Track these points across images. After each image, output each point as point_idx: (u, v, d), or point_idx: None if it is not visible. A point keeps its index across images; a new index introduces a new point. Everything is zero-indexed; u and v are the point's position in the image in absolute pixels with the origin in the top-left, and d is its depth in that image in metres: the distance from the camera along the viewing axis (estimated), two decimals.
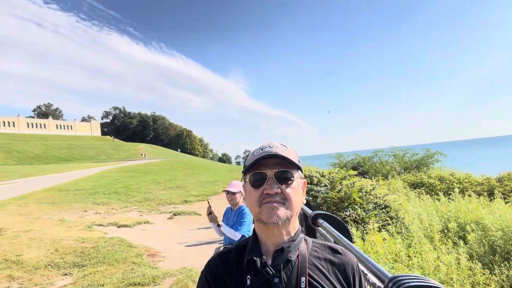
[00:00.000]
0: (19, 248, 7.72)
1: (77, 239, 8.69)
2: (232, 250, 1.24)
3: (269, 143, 1.23)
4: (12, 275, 6.19)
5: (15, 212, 12.38)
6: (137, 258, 7.40)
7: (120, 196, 17.51)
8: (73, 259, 7.20)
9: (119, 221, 11.44)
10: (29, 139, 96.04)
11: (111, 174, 30.65)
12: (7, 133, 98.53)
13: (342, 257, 1.23)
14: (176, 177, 31.10)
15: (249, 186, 1.19)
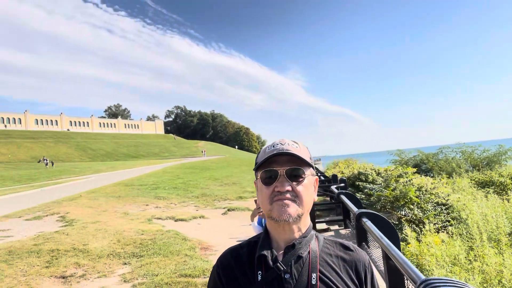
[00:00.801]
0: (86, 238, 8.44)
1: (137, 231, 9.28)
2: (243, 245, 1.25)
3: (280, 140, 1.22)
4: (79, 262, 6.79)
5: (86, 205, 13.53)
6: (190, 251, 7.71)
7: (179, 192, 18.33)
8: (132, 249, 7.70)
9: (176, 215, 12.00)
10: (101, 137, 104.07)
11: (172, 171, 32.16)
12: (83, 132, 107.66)
13: (354, 254, 1.22)
14: (233, 174, 31.80)
15: (260, 183, 1.19)
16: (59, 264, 6.64)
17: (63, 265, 6.58)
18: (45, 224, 10.46)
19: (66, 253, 7.27)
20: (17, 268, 6.29)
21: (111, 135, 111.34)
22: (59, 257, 6.98)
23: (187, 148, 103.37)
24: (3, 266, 6.30)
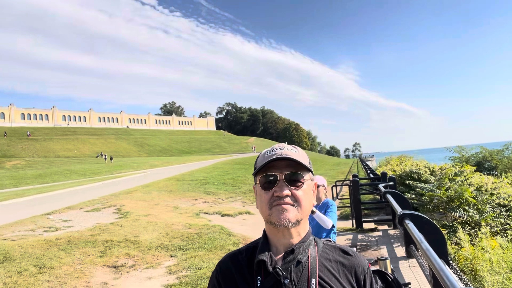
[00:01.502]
0: (137, 230, 8.90)
1: (185, 225, 9.62)
2: (242, 251, 1.24)
3: (279, 145, 1.22)
4: (129, 253, 7.19)
5: (140, 198, 14.27)
6: (233, 246, 7.84)
7: (228, 187, 18.70)
8: (179, 242, 7.99)
9: (223, 210, 12.25)
10: (157, 134, 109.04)
11: (222, 166, 32.85)
12: (140, 129, 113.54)
13: (353, 259, 1.20)
14: None
15: (260, 188, 1.18)
16: (112, 254, 7.08)
17: (115, 255, 7.01)
18: (102, 216, 11.20)
19: (119, 244, 7.72)
20: (74, 256, 6.80)
21: (166, 132, 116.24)
22: (112, 248, 7.44)
23: (238, 144, 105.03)
24: (62, 254, 6.84)
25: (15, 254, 6.67)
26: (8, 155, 62.85)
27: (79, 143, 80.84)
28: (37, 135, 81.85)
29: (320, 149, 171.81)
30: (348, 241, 8.50)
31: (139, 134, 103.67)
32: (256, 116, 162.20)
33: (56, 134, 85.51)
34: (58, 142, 78.97)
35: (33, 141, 75.83)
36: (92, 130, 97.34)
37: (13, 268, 5.99)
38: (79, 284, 5.74)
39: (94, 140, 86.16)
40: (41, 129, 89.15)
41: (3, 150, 66.64)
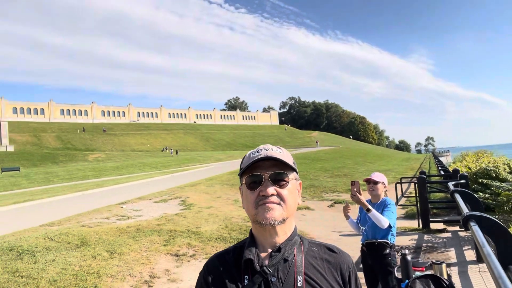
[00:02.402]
0: (199, 222, 9.31)
1: (244, 218, 9.84)
2: (229, 251, 1.26)
3: (264, 146, 1.25)
4: (191, 243, 7.55)
5: (203, 191, 14.88)
6: None
7: None
8: (237, 235, 8.20)
9: None
10: (222, 129, 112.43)
11: None
12: (207, 124, 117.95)
13: (338, 257, 1.23)
14: (345, 165, 30.96)
15: (245, 188, 1.21)
16: (175, 243, 7.49)
17: (178, 245, 7.41)
18: (168, 206, 11.89)
19: (182, 234, 8.14)
20: (141, 244, 7.32)
21: (230, 126, 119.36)
22: (175, 237, 7.87)
23: (301, 138, 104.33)
24: (131, 241, 7.40)
25: (91, 240, 7.37)
26: (91, 149, 69.29)
27: (151, 138, 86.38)
28: (115, 130, 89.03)
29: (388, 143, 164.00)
30: (412, 242, 8.06)
31: (205, 129, 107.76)
32: (320, 110, 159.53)
33: (131, 129, 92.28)
34: (133, 136, 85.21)
35: (112, 136, 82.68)
36: (163, 126, 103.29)
37: (88, 253, 6.62)
38: (144, 270, 6.17)
39: (164, 135, 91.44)
40: (118, 124, 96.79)
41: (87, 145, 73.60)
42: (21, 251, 6.53)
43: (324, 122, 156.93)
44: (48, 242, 7.23)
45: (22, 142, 69.17)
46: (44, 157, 51.86)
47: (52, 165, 46.49)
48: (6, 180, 32.53)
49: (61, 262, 6.15)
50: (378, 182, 3.88)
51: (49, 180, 30.94)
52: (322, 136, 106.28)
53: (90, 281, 5.53)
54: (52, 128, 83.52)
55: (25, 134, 74.18)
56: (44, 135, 76.50)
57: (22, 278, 5.44)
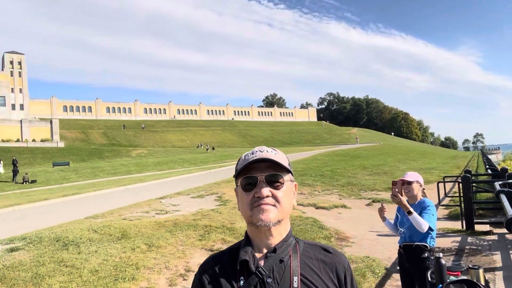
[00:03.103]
0: (234, 218, 9.42)
1: None
2: (225, 252, 1.28)
3: (259, 148, 1.27)
4: (225, 239, 7.67)
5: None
6: (324, 239, 7.76)
7: (325, 179, 18.45)
8: None
9: (318, 203, 12.17)
10: (260, 125, 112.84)
11: (322, 158, 32.48)
12: (244, 120, 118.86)
13: (333, 257, 1.25)
14: (385, 163, 30.03)
15: (241, 190, 1.22)
16: (210, 238, 7.64)
17: (212, 240, 7.55)
18: (205, 202, 12.14)
19: (216, 229, 8.29)
20: (177, 238, 7.54)
21: (268, 123, 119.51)
22: (211, 232, 8.02)
23: (340, 135, 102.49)
24: (168, 235, 7.64)
25: (131, 233, 7.69)
26: (134, 145, 72.16)
27: (191, 134, 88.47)
28: (157, 127, 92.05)
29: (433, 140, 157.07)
30: (454, 244, 7.69)
31: (243, 125, 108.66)
32: (360, 105, 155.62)
33: (172, 126, 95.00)
34: (173, 133, 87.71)
35: (153, 133, 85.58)
36: (202, 122, 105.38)
37: (128, 245, 6.91)
38: (179, 263, 6.35)
39: (203, 131, 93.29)
40: (159, 121, 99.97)
41: (130, 141, 76.72)
42: (66, 242, 6.94)
43: (364, 118, 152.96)
44: (91, 234, 7.63)
45: (72, 139, 73.35)
46: (91, 153, 54.70)
47: (98, 160, 48.95)
48: (57, 174, 34.69)
49: (102, 253, 6.47)
50: (412, 181, 3.67)
51: (96, 174, 32.61)
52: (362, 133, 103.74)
53: (129, 272, 5.77)
54: (99, 125, 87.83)
55: (74, 131, 78.60)
56: (91, 132, 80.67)
57: (66, 267, 5.79)
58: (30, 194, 20.15)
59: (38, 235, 7.47)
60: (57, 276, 5.45)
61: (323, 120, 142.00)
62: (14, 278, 5.26)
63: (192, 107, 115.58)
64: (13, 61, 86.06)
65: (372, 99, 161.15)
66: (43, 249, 6.58)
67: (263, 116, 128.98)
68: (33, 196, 18.35)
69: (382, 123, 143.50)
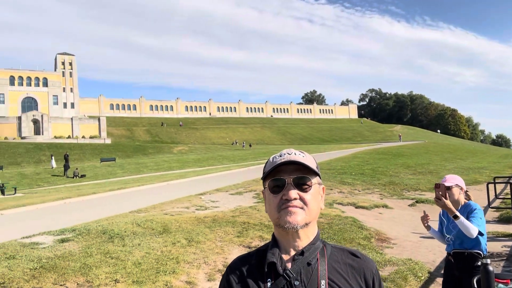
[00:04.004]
0: None
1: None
2: (252, 254, 1.28)
3: (287, 150, 1.27)
4: (262, 236, 7.70)
5: None
6: (364, 240, 7.58)
7: (365, 178, 17.99)
8: None
9: (358, 202, 11.90)
10: (299, 123, 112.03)
11: (363, 156, 31.69)
12: (283, 118, 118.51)
13: (361, 262, 1.24)
14: (431, 162, 28.77)
15: (268, 192, 1.23)
16: (247, 235, 7.72)
17: (250, 237, 7.62)
18: (243, 199, 12.26)
19: (254, 226, 8.35)
20: (216, 234, 7.68)
21: (307, 120, 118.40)
22: (248, 229, 8.10)
23: (381, 132, 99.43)
24: (207, 231, 7.81)
25: (172, 228, 7.93)
26: (176, 141, 74.27)
27: (230, 132, 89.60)
28: (197, 124, 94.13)
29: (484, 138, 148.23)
30: (505, 249, 7.23)
31: (282, 123, 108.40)
32: (403, 102, 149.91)
33: (211, 124, 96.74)
34: (213, 130, 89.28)
35: (194, 130, 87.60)
36: (241, 120, 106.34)
37: (169, 239, 7.14)
38: (218, 259, 6.47)
39: (242, 129, 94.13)
40: (200, 119, 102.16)
41: (172, 138, 79.05)
42: (112, 235, 7.29)
43: (408, 115, 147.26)
44: (135, 227, 7.96)
45: (118, 135, 76.81)
46: (135, 149, 56.99)
47: (142, 157, 50.91)
48: (104, 169, 36.50)
49: (145, 247, 6.74)
50: (451, 186, 3.37)
51: (140, 170, 33.95)
52: (406, 130, 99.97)
53: (170, 266, 5.97)
54: (143, 123, 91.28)
55: (120, 128, 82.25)
56: (135, 129, 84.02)
57: (112, 259, 6.08)
58: (80, 188, 21.38)
59: (87, 227, 7.91)
60: (103, 267, 5.75)
61: (364, 117, 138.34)
62: (64, 268, 5.61)
63: (232, 104, 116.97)
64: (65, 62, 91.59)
65: (417, 95, 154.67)
66: (91, 241, 6.96)
67: (302, 113, 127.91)
68: (82, 190, 19.46)
69: (428, 120, 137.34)
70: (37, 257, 5.99)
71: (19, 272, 5.37)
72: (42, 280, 5.22)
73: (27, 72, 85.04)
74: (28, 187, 28.65)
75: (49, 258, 5.96)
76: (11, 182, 26.49)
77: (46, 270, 5.51)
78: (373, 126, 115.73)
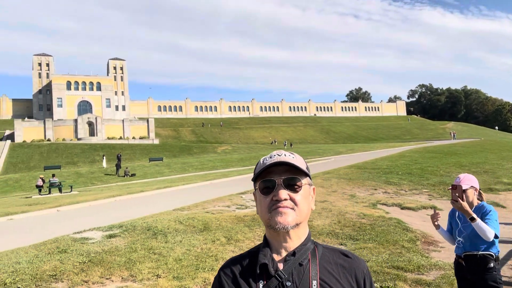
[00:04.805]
0: (311, 215, 9.29)
1: (358, 215, 9.46)
2: (244, 255, 1.29)
3: (277, 151, 1.28)
4: None
5: (318, 185, 14.82)
6: (409, 242, 7.25)
7: (413, 178, 17.21)
8: (350, 232, 7.95)
9: (404, 203, 11.41)
10: (343, 121, 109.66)
11: (411, 155, 30.39)
12: (327, 116, 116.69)
13: (353, 262, 1.25)
14: (487, 160, 26.90)
15: (259, 193, 1.25)
16: None
17: None
18: None
19: None
20: (255, 233, 7.71)
21: (352, 118, 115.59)
22: None
23: (432, 130, 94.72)
24: (246, 230, 7.86)
25: (212, 225, 8.08)
26: (219, 141, 75.66)
27: (273, 131, 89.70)
28: (240, 124, 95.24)
29: None
30: None
31: (325, 121, 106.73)
32: (457, 97, 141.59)
33: (254, 123, 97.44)
34: (256, 130, 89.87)
35: (237, 130, 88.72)
36: (284, 119, 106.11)
37: (209, 237, 7.28)
38: None
39: (285, 128, 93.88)
40: (243, 119, 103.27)
41: (216, 137, 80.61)
42: (156, 231, 7.57)
43: (461, 111, 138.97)
44: (177, 225, 8.21)
45: (165, 136, 79.69)
46: (181, 149, 58.80)
47: (188, 156, 52.42)
48: (152, 168, 38.03)
49: (186, 244, 6.92)
50: (466, 188, 3.25)
51: (185, 169, 34.99)
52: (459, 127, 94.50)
53: (209, 263, 6.08)
54: (188, 123, 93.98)
55: (167, 129, 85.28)
56: (181, 130, 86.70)
57: (154, 254, 6.31)
58: (130, 187, 22.43)
59: (133, 223, 8.28)
60: (146, 262, 5.98)
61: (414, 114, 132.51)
62: (110, 262, 5.90)
63: (274, 104, 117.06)
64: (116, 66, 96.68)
65: (472, 89, 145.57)
66: (136, 237, 7.28)
67: (347, 111, 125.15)
68: (131, 188, 20.40)
69: (484, 116, 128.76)
70: (86, 251, 6.36)
71: (70, 265, 5.73)
72: (90, 273, 5.53)
73: (82, 77, 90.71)
74: (83, 185, 30.56)
75: (97, 253, 6.30)
76: (68, 181, 28.36)
77: (94, 264, 5.84)
78: (423, 123, 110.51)
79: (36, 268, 5.58)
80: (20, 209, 13.25)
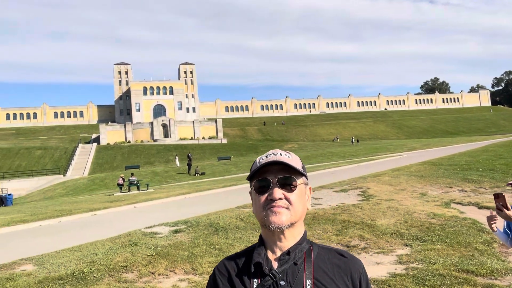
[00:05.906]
0: (376, 214, 8.95)
1: (428, 214, 8.87)
2: (239, 255, 1.29)
3: (273, 151, 1.27)
4: (363, 236, 7.37)
5: (386, 182, 14.17)
6: (483, 245, 6.63)
7: (496, 174, 15.62)
8: (417, 232, 7.50)
9: (482, 202, 10.43)
10: (417, 114, 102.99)
11: (495, 149, 27.61)
12: (399, 110, 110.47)
13: (348, 261, 1.24)
14: None
15: (254, 192, 1.25)
16: (347, 234, 7.48)
17: (349, 236, 7.37)
18: (347, 196, 11.88)
19: (355, 225, 8.05)
20: (314, 231, 7.64)
21: (427, 111, 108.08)
22: (348, 228, 7.85)
23: None
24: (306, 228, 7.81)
25: None
26: (286, 139, 75.78)
27: (340, 127, 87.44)
28: (306, 121, 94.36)
29: None
30: None
31: (397, 115, 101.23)
32: None
33: (321, 120, 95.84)
34: (322, 127, 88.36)
35: (303, 127, 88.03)
36: (352, 115, 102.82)
37: None
38: None
39: (353, 124, 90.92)
40: (309, 116, 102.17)
41: (282, 136, 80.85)
42: (217, 228, 7.88)
43: None
44: (238, 222, 8.45)
45: (232, 135, 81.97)
46: (248, 148, 60.03)
47: (254, 155, 53.33)
48: (220, 167, 39.42)
49: (245, 240, 7.10)
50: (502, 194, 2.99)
51: None
52: None
53: None
54: (255, 122, 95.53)
55: (234, 129, 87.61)
56: (248, 129, 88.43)
57: (215, 250, 6.59)
58: (199, 185, 23.53)
59: (197, 220, 8.71)
60: (207, 257, 6.27)
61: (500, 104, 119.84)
62: (174, 256, 6.29)
63: (341, 99, 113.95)
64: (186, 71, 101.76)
65: None
66: (199, 232, 7.65)
67: (422, 104, 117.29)
68: (200, 186, 21.39)
69: None
70: (154, 245, 6.85)
71: (139, 257, 6.23)
72: (156, 265, 5.95)
73: (156, 82, 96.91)
74: (158, 183, 32.73)
75: (163, 247, 6.76)
76: (145, 179, 30.62)
77: (160, 257, 6.27)
78: (511, 114, 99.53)
79: (110, 259, 6.16)
80: (102, 205, 14.65)
